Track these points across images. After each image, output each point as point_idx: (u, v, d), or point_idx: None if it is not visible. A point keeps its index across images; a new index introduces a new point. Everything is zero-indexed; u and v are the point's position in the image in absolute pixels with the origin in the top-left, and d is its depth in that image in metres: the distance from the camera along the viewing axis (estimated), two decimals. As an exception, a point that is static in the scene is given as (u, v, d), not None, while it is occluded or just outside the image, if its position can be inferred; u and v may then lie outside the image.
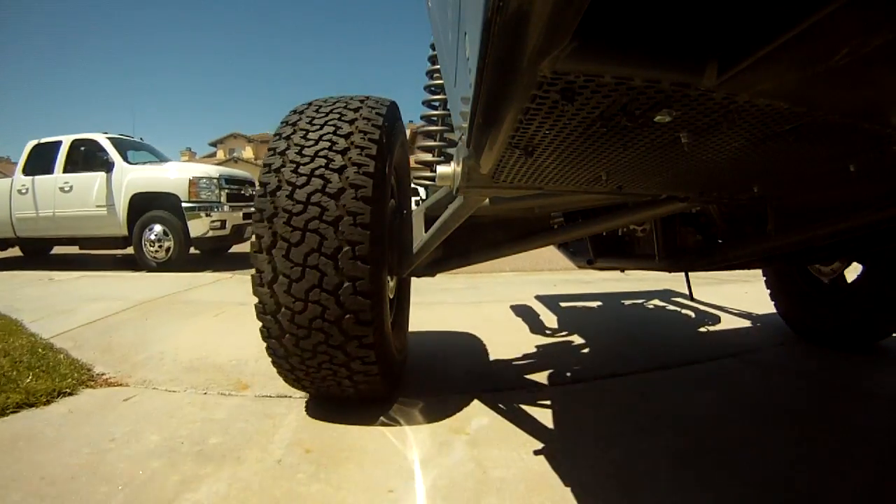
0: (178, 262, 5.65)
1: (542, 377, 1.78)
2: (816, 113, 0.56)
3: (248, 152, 37.00)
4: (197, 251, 6.35)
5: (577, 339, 2.35)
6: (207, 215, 5.78)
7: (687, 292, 2.82)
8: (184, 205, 5.71)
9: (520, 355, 2.07)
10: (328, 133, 1.27)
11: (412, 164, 2.18)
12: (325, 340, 1.23)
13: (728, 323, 2.68)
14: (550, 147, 0.66)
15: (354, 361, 1.28)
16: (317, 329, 1.21)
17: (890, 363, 1.99)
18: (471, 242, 1.77)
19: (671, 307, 3.16)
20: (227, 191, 6.11)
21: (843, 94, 0.53)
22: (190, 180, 5.75)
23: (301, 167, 1.22)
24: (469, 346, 2.22)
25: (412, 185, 2.31)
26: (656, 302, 3.31)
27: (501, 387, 1.67)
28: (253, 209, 1.24)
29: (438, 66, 1.97)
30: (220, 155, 35.86)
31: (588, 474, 1.11)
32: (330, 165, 1.22)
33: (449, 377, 1.79)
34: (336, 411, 1.45)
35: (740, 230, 1.50)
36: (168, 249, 5.71)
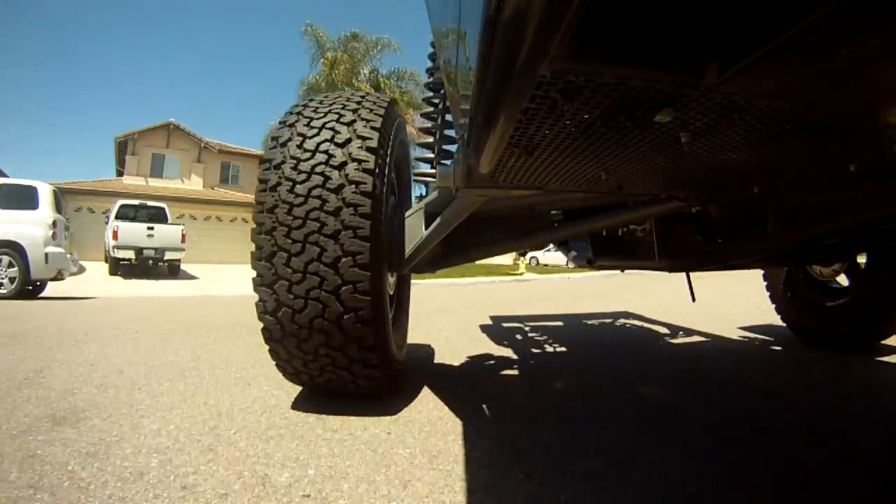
0: None
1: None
2: (816, 113, 0.56)
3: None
4: None
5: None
6: None
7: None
8: None
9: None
10: (326, 138, 1.30)
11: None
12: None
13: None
14: (550, 147, 0.66)
15: (356, 364, 1.31)
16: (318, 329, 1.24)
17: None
18: (471, 239, 1.77)
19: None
20: None
21: (843, 94, 0.53)
22: None
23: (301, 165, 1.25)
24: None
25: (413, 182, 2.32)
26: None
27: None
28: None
29: (438, 65, 1.97)
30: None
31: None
32: (330, 162, 1.26)
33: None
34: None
35: (740, 230, 1.49)
36: None
